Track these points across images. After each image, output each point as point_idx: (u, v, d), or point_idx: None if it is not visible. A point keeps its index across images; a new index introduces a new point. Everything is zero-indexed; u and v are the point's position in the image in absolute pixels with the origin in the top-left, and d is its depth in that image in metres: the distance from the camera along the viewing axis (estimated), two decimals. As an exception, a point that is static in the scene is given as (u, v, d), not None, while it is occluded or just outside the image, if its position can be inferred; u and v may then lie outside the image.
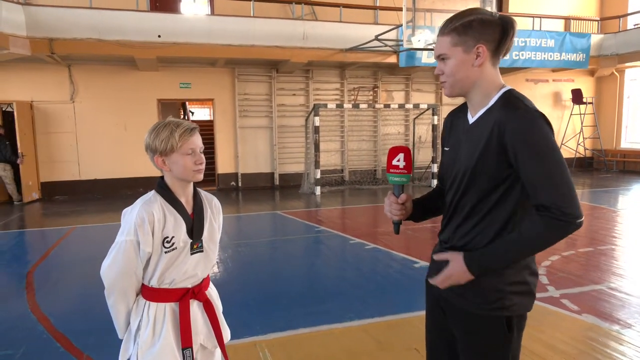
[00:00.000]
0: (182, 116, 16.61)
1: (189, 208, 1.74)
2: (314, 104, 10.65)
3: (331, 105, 10.89)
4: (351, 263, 5.31)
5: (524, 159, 1.35)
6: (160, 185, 1.72)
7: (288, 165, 12.21)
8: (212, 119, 18.32)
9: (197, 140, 1.69)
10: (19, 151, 9.66)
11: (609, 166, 14.57)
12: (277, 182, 12.15)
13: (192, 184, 1.76)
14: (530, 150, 1.34)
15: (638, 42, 12.83)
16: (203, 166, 1.71)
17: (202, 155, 1.70)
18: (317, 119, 10.43)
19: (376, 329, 3.41)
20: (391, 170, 1.64)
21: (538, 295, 4.00)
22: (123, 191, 11.11)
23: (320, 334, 3.36)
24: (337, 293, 4.26)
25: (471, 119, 1.53)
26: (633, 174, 13.53)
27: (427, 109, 11.78)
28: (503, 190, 1.43)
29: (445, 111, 13.06)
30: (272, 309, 3.84)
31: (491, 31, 1.43)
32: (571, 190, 1.34)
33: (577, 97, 14.25)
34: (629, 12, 14.16)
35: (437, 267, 1.58)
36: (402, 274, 4.78)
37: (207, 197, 1.85)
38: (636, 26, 13.85)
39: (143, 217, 1.61)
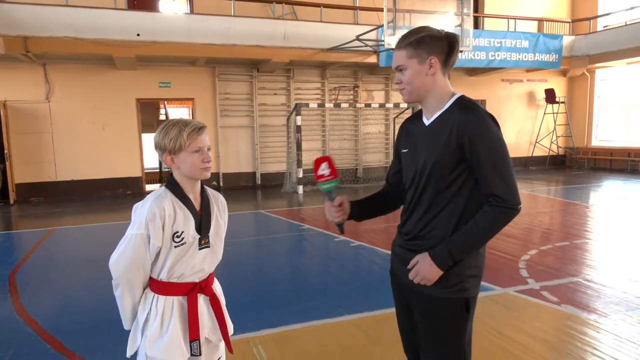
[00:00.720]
0: (160, 116, 16.42)
1: (196, 204, 1.78)
2: (296, 104, 10.70)
3: (313, 105, 10.96)
4: (337, 260, 5.39)
5: (479, 154, 1.57)
6: (170, 182, 1.77)
7: (270, 164, 12.22)
8: (190, 118, 18.25)
9: (204, 139, 1.74)
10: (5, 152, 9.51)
11: (581, 164, 15.07)
12: (258, 181, 12.15)
13: (199, 181, 1.80)
14: (484, 147, 1.57)
15: (607, 44, 13.31)
16: (211, 164, 1.76)
17: (210, 154, 1.75)
18: (299, 118, 10.48)
19: (366, 324, 3.49)
20: (319, 180, 1.79)
21: (519, 287, 4.18)
22: (102, 192, 10.94)
23: (312, 329, 3.43)
24: (324, 290, 4.33)
25: (427, 121, 1.72)
26: (603, 171, 14.02)
27: (407, 108, 11.96)
28: (459, 184, 1.64)
29: (424, 110, 13.27)
30: (262, 306, 3.88)
31: (440, 45, 1.65)
32: (515, 182, 1.59)
33: (550, 96, 14.69)
34: (599, 14, 14.66)
35: (399, 259, 1.79)
36: (386, 270, 4.87)
37: (213, 194, 1.89)
38: (605, 28, 14.36)
39: (155, 212, 1.66)
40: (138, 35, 9.69)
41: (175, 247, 1.70)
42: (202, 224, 1.77)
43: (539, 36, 13.26)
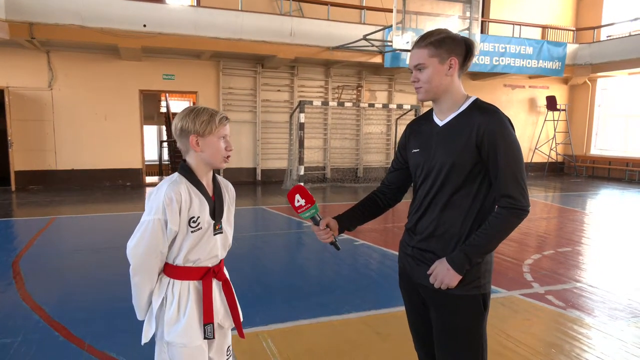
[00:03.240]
0: (161, 108, 16.37)
1: (209, 191, 1.80)
2: (300, 101, 10.69)
3: (317, 103, 10.95)
4: (342, 258, 5.39)
5: (497, 156, 1.60)
6: (183, 168, 1.77)
7: (271, 161, 12.21)
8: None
9: (228, 129, 1.79)
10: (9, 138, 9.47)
11: (579, 171, 15.16)
12: (259, 177, 12.13)
13: (212, 170, 1.82)
14: (504, 150, 1.60)
15: (610, 53, 13.39)
16: (231, 153, 1.78)
17: (231, 143, 1.79)
18: (302, 115, 10.47)
19: (375, 321, 3.50)
20: (299, 211, 1.84)
21: (524, 291, 4.21)
22: (101, 182, 10.89)
23: (320, 325, 3.43)
24: (331, 286, 4.34)
25: (440, 122, 1.75)
26: (601, 180, 14.12)
27: (410, 110, 11.98)
28: (476, 183, 1.67)
29: (426, 112, 13.30)
30: (270, 301, 3.89)
31: (459, 48, 1.69)
32: (526, 186, 1.64)
33: (551, 103, 14.76)
34: (603, 24, 14.75)
35: (413, 260, 1.80)
36: (392, 268, 4.89)
37: (223, 182, 1.91)
38: (609, 38, 14.45)
39: (171, 197, 1.66)
40: (144, 26, 9.65)
41: (192, 232, 1.71)
42: (216, 210, 1.78)
43: (543, 43, 13.32)
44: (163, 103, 16.13)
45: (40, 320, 3.42)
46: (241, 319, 1.92)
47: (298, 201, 1.83)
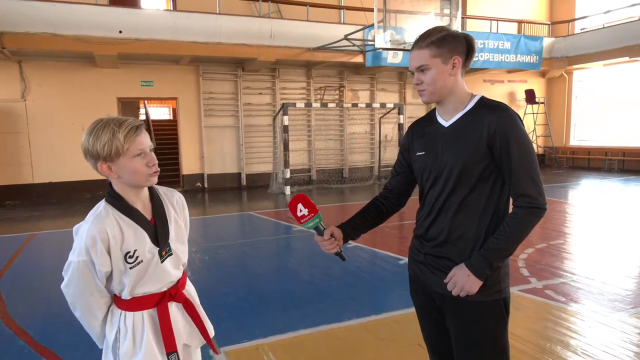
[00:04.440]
0: (140, 115, 16.04)
1: (147, 213, 1.57)
2: (283, 103, 10.57)
3: (300, 104, 10.85)
4: (337, 262, 5.29)
5: (511, 155, 1.53)
6: (110, 195, 1.53)
7: (255, 165, 12.05)
8: (171, 118, 17.87)
9: (144, 139, 1.50)
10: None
11: (560, 163, 15.39)
12: (244, 182, 11.96)
13: (146, 187, 1.60)
14: (517, 148, 1.53)
15: (585, 46, 13.64)
16: (157, 167, 1.53)
17: (154, 155, 1.52)
18: (286, 118, 10.36)
19: (376, 327, 3.41)
20: (301, 222, 1.72)
21: (523, 286, 4.17)
22: (82, 194, 10.58)
23: (321, 334, 3.33)
24: (329, 292, 4.24)
25: (445, 123, 1.67)
26: (582, 170, 14.36)
27: (394, 108, 11.97)
28: (489, 184, 1.60)
29: (409, 111, 13.34)
30: (267, 311, 3.76)
31: (461, 45, 1.61)
32: (542, 183, 1.58)
33: (530, 97, 14.95)
34: (576, 17, 15.01)
35: (426, 267, 1.72)
36: (389, 271, 4.83)
37: (166, 194, 1.68)
38: (583, 30, 14.71)
39: (94, 237, 1.45)
40: (120, 32, 9.41)
41: (130, 268, 1.51)
42: (159, 234, 1.56)
43: (520, 37, 13.48)
44: (142, 110, 15.80)
45: (26, 346, 3.23)
46: (212, 333, 1.76)
47: (300, 211, 1.70)
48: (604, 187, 10.89)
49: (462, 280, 1.58)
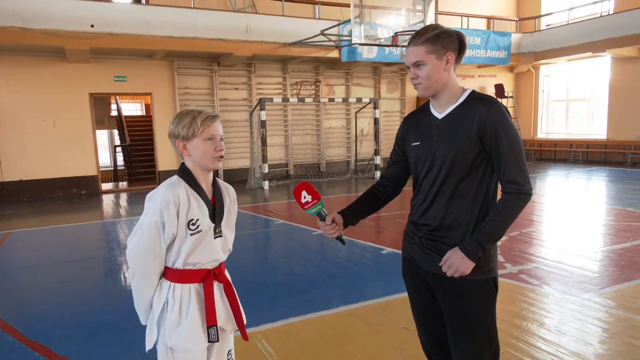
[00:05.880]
0: (112, 111, 15.72)
1: (209, 194, 1.78)
2: (260, 98, 10.59)
3: (277, 100, 10.89)
4: (320, 253, 5.43)
5: (499, 145, 1.66)
6: (182, 171, 1.75)
7: (233, 160, 12.03)
8: (144, 113, 17.57)
9: (218, 127, 1.74)
10: None
11: (528, 155, 15.94)
12: (221, 178, 11.91)
13: (211, 172, 1.81)
14: (506, 138, 1.66)
15: (551, 41, 14.15)
16: (223, 153, 1.75)
17: (222, 143, 1.75)
18: (263, 113, 10.38)
19: (363, 312, 3.55)
20: (305, 208, 1.85)
21: (499, 272, 4.38)
22: (54, 192, 10.36)
23: (312, 321, 3.44)
24: (315, 282, 4.35)
25: (439, 115, 1.80)
26: (548, 162, 14.93)
27: (369, 103, 12.14)
28: (480, 172, 1.73)
29: (384, 105, 13.54)
30: (257, 301, 3.85)
31: (454, 42, 1.74)
32: (528, 171, 1.71)
33: (499, 91, 15.39)
34: (542, 13, 15.53)
35: (421, 249, 1.85)
36: (372, 260, 4.98)
37: (224, 185, 1.90)
38: (548, 27, 15.24)
39: (169, 199, 1.65)
40: (92, 26, 9.23)
41: (191, 234, 1.69)
42: (216, 214, 1.76)
43: (490, 34, 13.87)
44: (113, 106, 15.48)
45: (16, 342, 3.22)
46: (245, 322, 1.89)
47: (304, 197, 1.83)
48: (570, 178, 11.38)
49: (457, 263, 1.71)
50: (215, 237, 1.76)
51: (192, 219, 1.69)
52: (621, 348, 2.90)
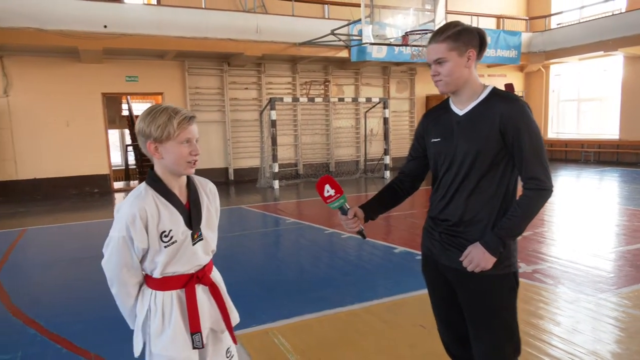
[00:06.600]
0: (123, 111, 15.86)
1: (183, 198, 1.67)
2: (270, 98, 10.64)
3: (287, 99, 10.93)
4: (333, 251, 5.45)
5: (521, 142, 1.67)
6: (151, 177, 1.63)
7: (242, 160, 12.10)
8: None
9: (194, 130, 1.62)
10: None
11: (538, 155, 15.83)
12: (231, 177, 12.00)
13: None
14: (527, 135, 1.67)
15: (561, 40, 14.06)
16: (197, 158, 1.63)
17: (198, 146, 1.63)
18: (273, 112, 10.43)
19: (379, 310, 3.57)
20: (328, 201, 1.85)
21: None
22: (67, 191, 10.48)
23: (327, 318, 3.47)
24: (329, 280, 4.38)
25: (460, 111, 1.81)
26: (559, 162, 14.83)
27: (379, 103, 12.15)
28: (501, 168, 1.74)
29: (393, 105, 13.54)
30: (271, 298, 3.89)
31: (474, 39, 1.75)
32: (549, 167, 1.73)
33: (510, 91, 15.28)
34: (553, 12, 15.44)
35: (440, 245, 1.87)
36: (385, 259, 5.00)
37: (201, 182, 1.78)
38: (559, 25, 15.14)
39: (134, 214, 1.55)
40: (105, 27, 9.33)
41: (165, 247, 1.60)
42: (192, 218, 1.66)
43: (500, 33, 13.81)
44: (124, 106, 15.62)
45: (37, 334, 3.29)
46: (237, 321, 1.85)
47: (328, 191, 1.84)
48: (582, 178, 11.31)
49: (478, 258, 1.72)
50: (194, 244, 1.67)
51: (164, 231, 1.59)
52: (639, 348, 2.89)
